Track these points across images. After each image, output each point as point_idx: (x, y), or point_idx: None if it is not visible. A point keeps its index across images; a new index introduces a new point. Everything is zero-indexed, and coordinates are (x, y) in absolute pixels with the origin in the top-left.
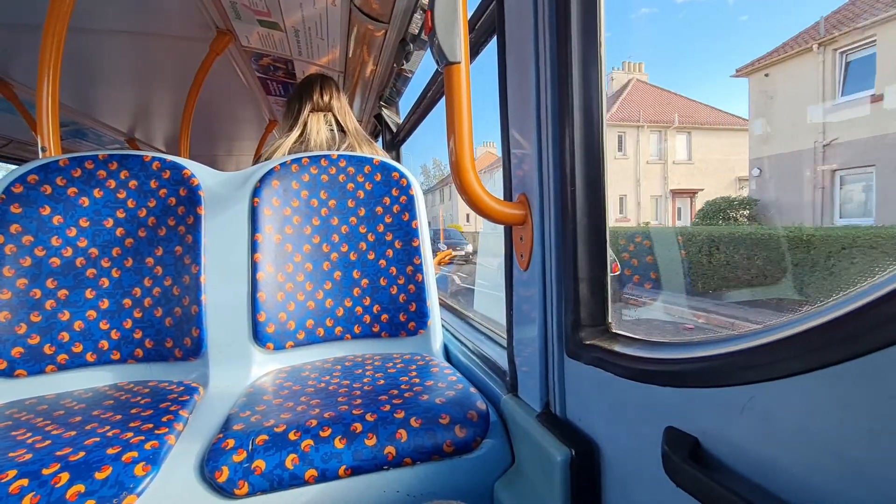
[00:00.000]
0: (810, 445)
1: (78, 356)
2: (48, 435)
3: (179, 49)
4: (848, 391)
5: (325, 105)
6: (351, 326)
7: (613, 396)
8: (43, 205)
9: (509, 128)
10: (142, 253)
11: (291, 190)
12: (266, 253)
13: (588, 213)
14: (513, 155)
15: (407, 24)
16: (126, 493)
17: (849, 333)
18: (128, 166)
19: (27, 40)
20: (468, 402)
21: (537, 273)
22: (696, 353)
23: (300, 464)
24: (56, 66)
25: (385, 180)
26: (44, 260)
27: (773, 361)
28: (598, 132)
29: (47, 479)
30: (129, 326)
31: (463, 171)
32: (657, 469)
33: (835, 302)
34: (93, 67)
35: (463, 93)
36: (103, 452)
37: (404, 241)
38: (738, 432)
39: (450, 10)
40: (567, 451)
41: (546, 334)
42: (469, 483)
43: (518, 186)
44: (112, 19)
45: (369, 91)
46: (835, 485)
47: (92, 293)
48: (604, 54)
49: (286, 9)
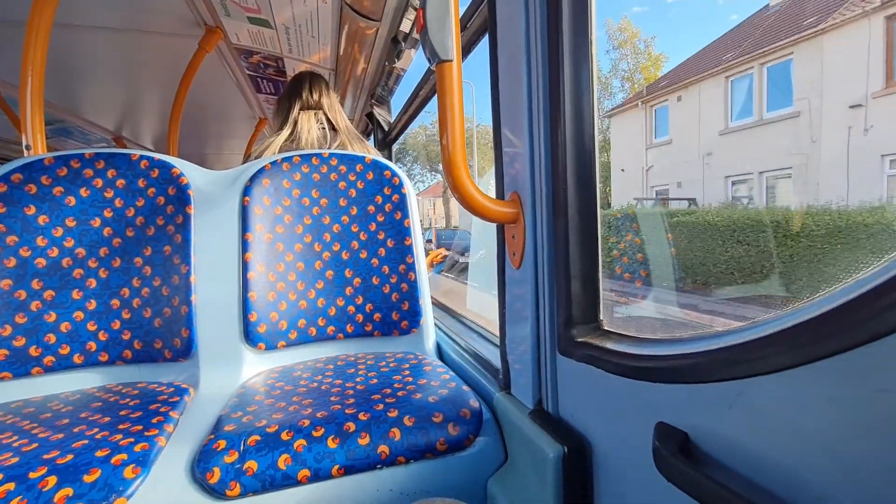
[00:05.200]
0: (798, 439)
1: (65, 358)
2: (35, 438)
3: (168, 46)
4: (836, 385)
5: (315, 103)
6: (343, 326)
7: (605, 393)
8: (28, 204)
9: (501, 126)
10: (130, 253)
11: (282, 188)
12: (257, 252)
13: (580, 212)
14: (505, 153)
15: (399, 21)
16: (115, 496)
17: (837, 328)
18: (115, 165)
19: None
20: (461, 400)
21: (529, 271)
22: (686, 349)
23: (293, 464)
24: (40, 62)
25: (377, 179)
26: (29, 260)
27: (762, 357)
28: (590, 130)
29: (34, 483)
30: (118, 327)
31: (455, 169)
32: (648, 464)
33: (823, 297)
34: (78, 64)
35: (455, 91)
36: (92, 455)
37: (396, 240)
38: (728, 427)
39: (441, 7)
40: (559, 448)
41: (538, 332)
42: (462, 481)
43: (510, 185)
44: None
45: (361, 89)
46: (823, 478)
47: (79, 294)
48: (595, 53)
49: (276, 6)
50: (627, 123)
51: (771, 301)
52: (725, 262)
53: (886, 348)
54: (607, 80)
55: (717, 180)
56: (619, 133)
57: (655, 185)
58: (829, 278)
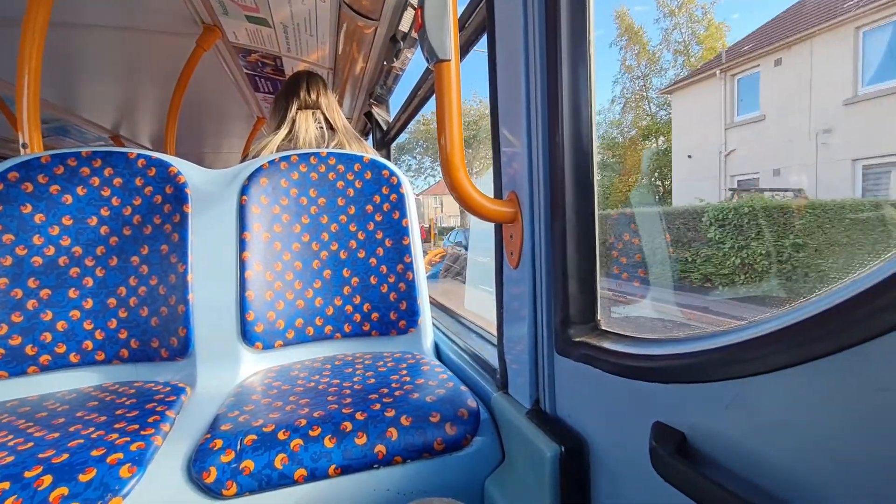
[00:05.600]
0: (795, 439)
1: (61, 357)
2: (30, 437)
3: (165, 44)
4: (833, 384)
5: (313, 102)
6: (341, 325)
7: (602, 393)
8: (24, 203)
9: (499, 126)
10: (127, 251)
11: (280, 188)
12: (254, 251)
13: (577, 211)
14: (503, 153)
15: (397, 21)
16: (111, 495)
17: (834, 327)
18: (112, 163)
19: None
20: (459, 399)
21: (527, 271)
22: (683, 348)
23: (289, 463)
24: (37, 60)
25: (375, 178)
26: (25, 259)
27: (759, 357)
28: (588, 130)
29: (30, 482)
30: (114, 326)
31: (453, 168)
32: (645, 464)
33: (819, 296)
34: (75, 63)
35: (453, 90)
36: (87, 454)
37: (395, 240)
38: (725, 427)
39: (440, 7)
40: (557, 448)
41: (536, 332)
42: (460, 480)
43: (508, 184)
44: (95, 13)
45: (359, 89)
46: (820, 477)
47: (75, 293)
48: (593, 52)
49: (274, 4)
50: (696, 99)
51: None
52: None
53: (883, 347)
54: (656, 53)
55: (839, 165)
56: (683, 112)
57: (738, 172)
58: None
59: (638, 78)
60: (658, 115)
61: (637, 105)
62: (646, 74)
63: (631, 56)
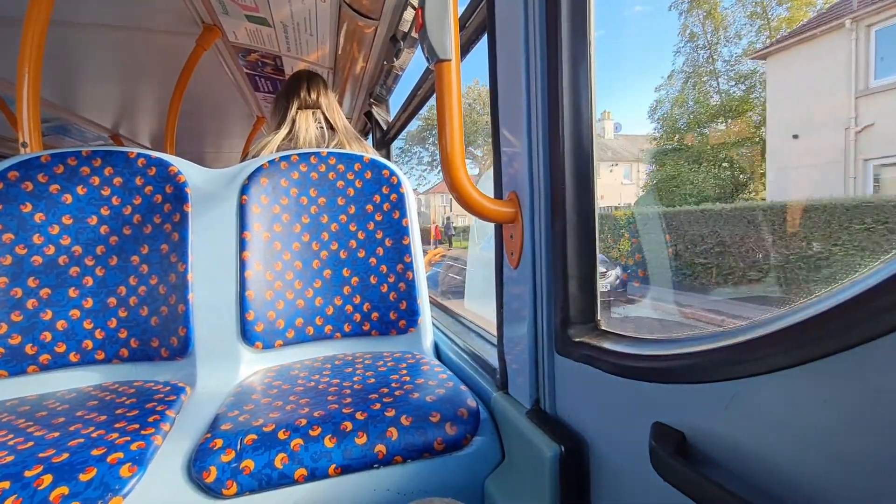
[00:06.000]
0: (795, 439)
1: (61, 356)
2: (30, 436)
3: (165, 44)
4: (832, 386)
5: (313, 102)
6: (341, 325)
7: (602, 393)
8: (24, 202)
9: (500, 126)
10: (127, 251)
11: (280, 187)
12: (254, 251)
13: (578, 212)
14: (503, 153)
15: (397, 20)
16: (111, 495)
17: (833, 329)
18: (112, 163)
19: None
20: (459, 399)
21: (527, 271)
22: (683, 349)
23: (289, 463)
24: (37, 60)
25: (375, 178)
26: (25, 258)
27: (758, 357)
28: (588, 130)
29: (30, 482)
30: (114, 326)
31: (454, 168)
32: (645, 464)
33: (819, 297)
34: (75, 62)
35: (454, 90)
36: (88, 454)
37: (395, 239)
38: (724, 427)
39: (440, 7)
40: (556, 448)
41: (536, 332)
42: (460, 480)
43: (508, 185)
44: (95, 12)
45: (359, 88)
46: (819, 477)
47: (75, 292)
48: (594, 53)
49: (274, 4)
50: (805, 62)
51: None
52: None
53: (883, 349)
54: (726, 16)
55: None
56: (784, 79)
57: (878, 155)
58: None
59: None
60: (734, 91)
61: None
62: (711, 43)
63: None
